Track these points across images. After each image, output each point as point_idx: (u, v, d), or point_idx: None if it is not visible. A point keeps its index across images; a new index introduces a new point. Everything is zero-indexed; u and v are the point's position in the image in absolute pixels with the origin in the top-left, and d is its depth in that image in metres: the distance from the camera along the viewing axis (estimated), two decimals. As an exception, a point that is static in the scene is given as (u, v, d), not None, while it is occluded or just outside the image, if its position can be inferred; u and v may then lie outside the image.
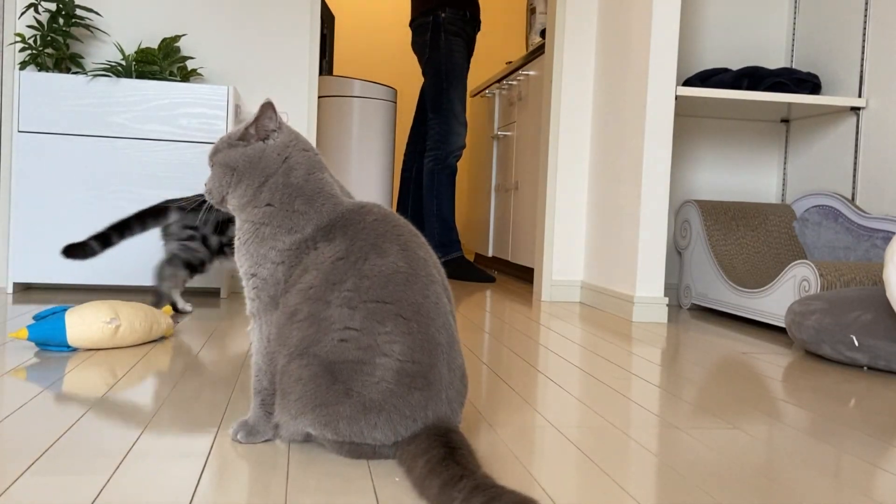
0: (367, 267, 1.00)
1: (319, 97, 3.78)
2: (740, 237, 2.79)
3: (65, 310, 1.67)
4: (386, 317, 0.97)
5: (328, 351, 0.98)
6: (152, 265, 2.62)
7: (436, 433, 0.95)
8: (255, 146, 1.08)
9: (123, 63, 2.66)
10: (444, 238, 3.68)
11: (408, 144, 4.07)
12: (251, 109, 2.93)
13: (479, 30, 3.80)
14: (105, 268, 2.61)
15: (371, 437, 0.98)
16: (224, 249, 2.35)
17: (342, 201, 1.09)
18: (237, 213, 1.10)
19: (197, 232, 2.30)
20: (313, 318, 0.99)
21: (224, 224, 2.33)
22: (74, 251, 2.11)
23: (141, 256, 2.63)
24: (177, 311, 2.31)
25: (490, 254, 4.40)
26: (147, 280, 2.63)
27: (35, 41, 2.63)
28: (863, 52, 2.66)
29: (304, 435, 1.05)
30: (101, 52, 2.83)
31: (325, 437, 1.01)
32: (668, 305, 2.88)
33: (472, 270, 3.64)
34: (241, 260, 1.09)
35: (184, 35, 2.76)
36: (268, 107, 1.07)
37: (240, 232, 1.10)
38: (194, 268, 2.30)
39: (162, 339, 1.85)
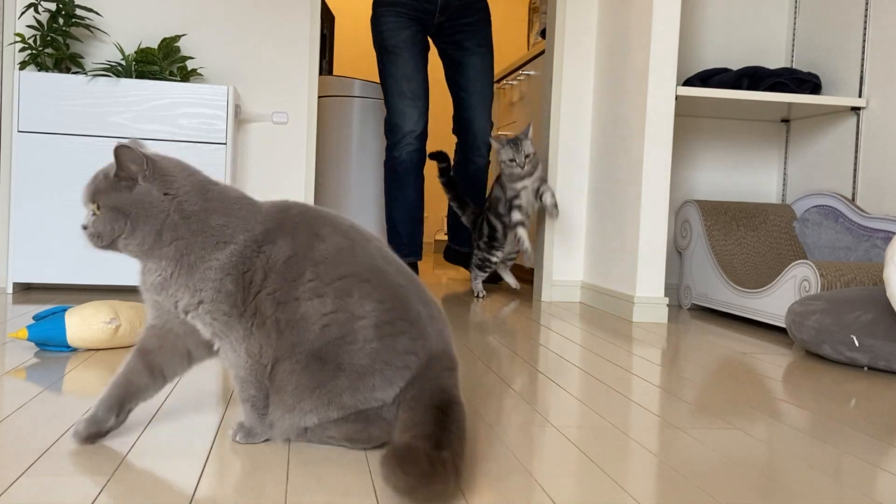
0: (316, 254, 1.04)
1: (319, 97, 3.78)
2: (740, 237, 2.79)
3: (65, 310, 1.67)
4: (351, 288, 1.02)
5: (312, 340, 1.01)
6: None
7: (435, 404, 0.98)
8: (139, 189, 1.03)
9: (123, 63, 2.66)
10: (388, 241, 3.27)
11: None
12: (251, 109, 2.93)
13: (436, 5, 3.16)
14: (105, 268, 2.61)
15: (373, 398, 1.01)
16: None
17: (257, 202, 1.10)
18: (140, 258, 1.06)
19: None
20: (291, 323, 1.02)
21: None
22: None
23: (141, 256, 2.63)
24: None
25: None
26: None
27: (35, 41, 2.63)
28: (863, 52, 2.66)
29: (299, 430, 1.05)
30: (101, 52, 2.83)
31: (329, 417, 1.02)
32: (668, 305, 2.88)
33: None
34: (176, 296, 1.03)
35: (184, 35, 2.76)
36: (121, 151, 1.02)
37: (153, 274, 1.04)
38: None
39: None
